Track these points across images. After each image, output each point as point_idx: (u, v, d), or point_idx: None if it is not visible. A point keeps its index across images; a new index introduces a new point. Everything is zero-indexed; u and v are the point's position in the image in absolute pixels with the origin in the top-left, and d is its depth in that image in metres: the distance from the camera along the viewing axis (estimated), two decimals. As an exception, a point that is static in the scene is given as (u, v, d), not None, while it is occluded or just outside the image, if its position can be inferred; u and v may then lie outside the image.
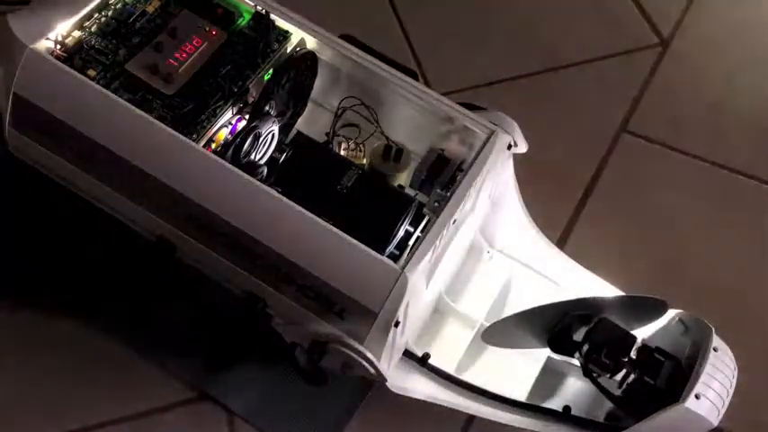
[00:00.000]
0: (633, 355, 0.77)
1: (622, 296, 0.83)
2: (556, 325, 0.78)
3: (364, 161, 0.86)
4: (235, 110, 0.80)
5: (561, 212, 1.03)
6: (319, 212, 0.72)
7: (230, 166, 0.73)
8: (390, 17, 1.20)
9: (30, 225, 0.92)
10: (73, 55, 0.77)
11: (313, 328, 0.74)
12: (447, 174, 0.82)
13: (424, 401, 0.79)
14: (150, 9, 0.82)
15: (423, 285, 0.74)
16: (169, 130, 0.73)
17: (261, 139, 0.79)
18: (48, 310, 0.90)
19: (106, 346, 0.89)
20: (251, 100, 0.81)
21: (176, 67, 0.78)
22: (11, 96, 0.76)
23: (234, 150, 0.76)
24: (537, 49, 1.18)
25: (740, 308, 0.97)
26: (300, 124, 0.88)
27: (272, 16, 0.83)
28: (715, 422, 0.76)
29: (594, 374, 0.78)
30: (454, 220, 0.76)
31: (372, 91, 0.84)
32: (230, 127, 0.80)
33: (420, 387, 0.80)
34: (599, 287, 0.86)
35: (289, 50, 0.84)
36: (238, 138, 0.76)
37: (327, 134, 0.87)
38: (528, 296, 0.86)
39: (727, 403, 0.77)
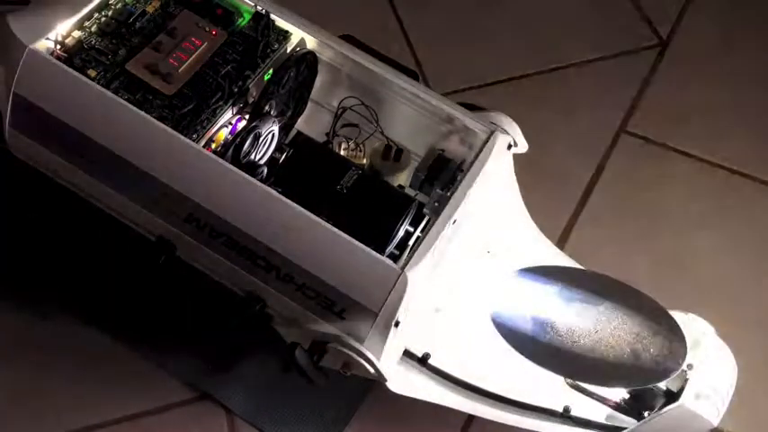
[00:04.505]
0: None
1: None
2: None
3: (364, 161, 0.86)
4: (235, 110, 0.80)
5: (561, 212, 1.03)
6: (319, 212, 0.72)
7: (230, 166, 0.73)
8: (390, 17, 1.20)
9: (29, 225, 0.92)
10: (73, 55, 0.77)
11: (313, 328, 0.74)
12: (447, 174, 0.81)
13: (423, 401, 0.79)
14: (150, 9, 0.82)
15: (423, 285, 0.73)
16: (169, 130, 0.73)
17: (261, 139, 0.79)
18: (47, 310, 0.90)
19: (106, 346, 0.89)
20: (251, 100, 0.81)
21: (176, 67, 0.78)
22: (11, 96, 0.76)
23: (234, 150, 0.76)
24: (537, 50, 1.18)
25: (740, 308, 0.97)
26: (300, 124, 0.88)
27: (272, 16, 0.83)
28: (715, 422, 0.76)
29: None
30: (454, 221, 0.76)
31: (372, 91, 0.84)
32: (230, 127, 0.80)
33: (420, 387, 0.80)
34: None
35: (289, 50, 0.84)
36: (238, 138, 0.76)
37: (327, 134, 0.87)
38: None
39: (727, 403, 0.77)
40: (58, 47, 0.77)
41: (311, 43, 0.84)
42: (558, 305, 0.81)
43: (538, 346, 0.79)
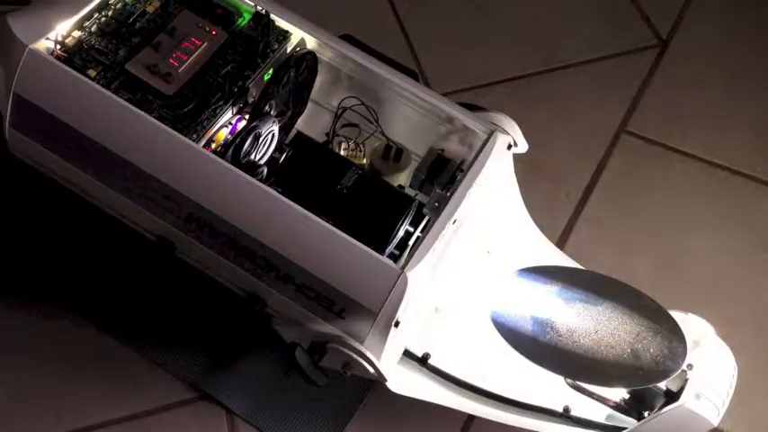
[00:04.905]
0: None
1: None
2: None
3: (364, 161, 0.86)
4: (235, 110, 0.80)
5: (561, 212, 1.03)
6: (319, 212, 0.72)
7: (230, 166, 0.73)
8: (390, 17, 1.20)
9: (30, 225, 0.92)
10: (73, 55, 0.77)
11: (313, 328, 0.74)
12: (447, 174, 0.82)
13: (423, 401, 0.79)
14: (150, 9, 0.82)
15: (423, 285, 0.73)
16: (169, 130, 0.73)
17: (261, 139, 0.79)
18: (47, 310, 0.90)
19: (106, 346, 0.89)
20: (251, 100, 0.81)
21: (176, 67, 0.78)
22: (11, 96, 0.76)
23: (234, 150, 0.76)
24: (536, 49, 1.18)
25: (740, 308, 0.97)
26: (300, 124, 0.88)
27: (272, 16, 0.83)
28: (715, 422, 0.76)
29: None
30: (454, 220, 0.76)
31: (372, 91, 0.84)
32: (230, 127, 0.80)
33: (420, 387, 0.80)
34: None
35: (289, 50, 0.84)
36: (238, 138, 0.76)
37: (327, 134, 0.87)
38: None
39: (727, 403, 0.77)
40: (58, 47, 0.77)
41: (311, 43, 0.84)
42: (558, 305, 0.81)
43: (538, 346, 0.79)
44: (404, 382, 0.78)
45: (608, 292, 0.82)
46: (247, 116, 0.80)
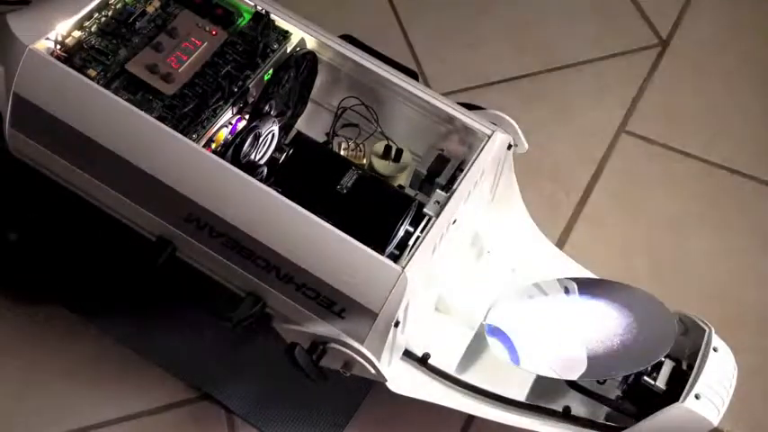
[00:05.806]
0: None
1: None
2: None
3: (364, 161, 0.86)
4: (235, 110, 0.80)
5: (561, 212, 1.03)
6: (319, 212, 0.72)
7: (230, 166, 0.73)
8: (390, 17, 1.20)
9: (30, 225, 0.92)
10: (73, 55, 0.77)
11: (313, 328, 0.74)
12: (447, 174, 0.82)
13: (424, 401, 0.79)
14: (150, 9, 0.82)
15: (423, 285, 0.74)
16: (169, 130, 0.73)
17: (261, 139, 0.79)
18: (48, 311, 0.90)
19: (106, 347, 0.89)
20: (251, 100, 0.81)
21: (176, 67, 0.78)
22: (11, 96, 0.76)
23: (234, 150, 0.76)
24: (537, 49, 1.18)
25: (740, 308, 0.97)
26: (300, 124, 0.88)
27: (272, 16, 0.83)
28: (715, 422, 0.76)
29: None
30: (454, 220, 0.76)
31: (372, 91, 0.84)
32: (230, 127, 0.80)
33: (420, 387, 0.80)
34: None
35: (289, 50, 0.84)
36: (238, 138, 0.76)
37: (327, 134, 0.87)
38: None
39: (727, 403, 0.77)
40: (58, 47, 0.77)
41: (311, 43, 0.84)
42: (556, 311, 0.82)
43: (534, 351, 0.79)
44: (404, 382, 0.78)
45: (604, 293, 0.82)
46: (247, 116, 0.80)
